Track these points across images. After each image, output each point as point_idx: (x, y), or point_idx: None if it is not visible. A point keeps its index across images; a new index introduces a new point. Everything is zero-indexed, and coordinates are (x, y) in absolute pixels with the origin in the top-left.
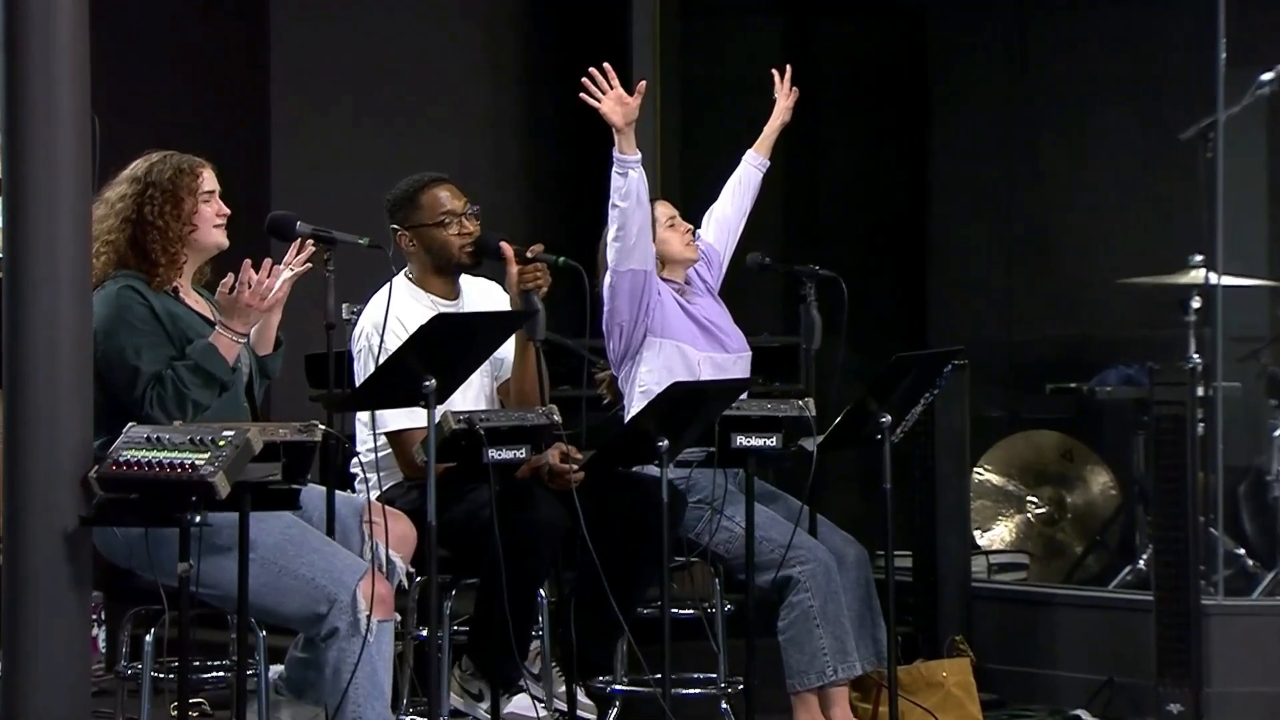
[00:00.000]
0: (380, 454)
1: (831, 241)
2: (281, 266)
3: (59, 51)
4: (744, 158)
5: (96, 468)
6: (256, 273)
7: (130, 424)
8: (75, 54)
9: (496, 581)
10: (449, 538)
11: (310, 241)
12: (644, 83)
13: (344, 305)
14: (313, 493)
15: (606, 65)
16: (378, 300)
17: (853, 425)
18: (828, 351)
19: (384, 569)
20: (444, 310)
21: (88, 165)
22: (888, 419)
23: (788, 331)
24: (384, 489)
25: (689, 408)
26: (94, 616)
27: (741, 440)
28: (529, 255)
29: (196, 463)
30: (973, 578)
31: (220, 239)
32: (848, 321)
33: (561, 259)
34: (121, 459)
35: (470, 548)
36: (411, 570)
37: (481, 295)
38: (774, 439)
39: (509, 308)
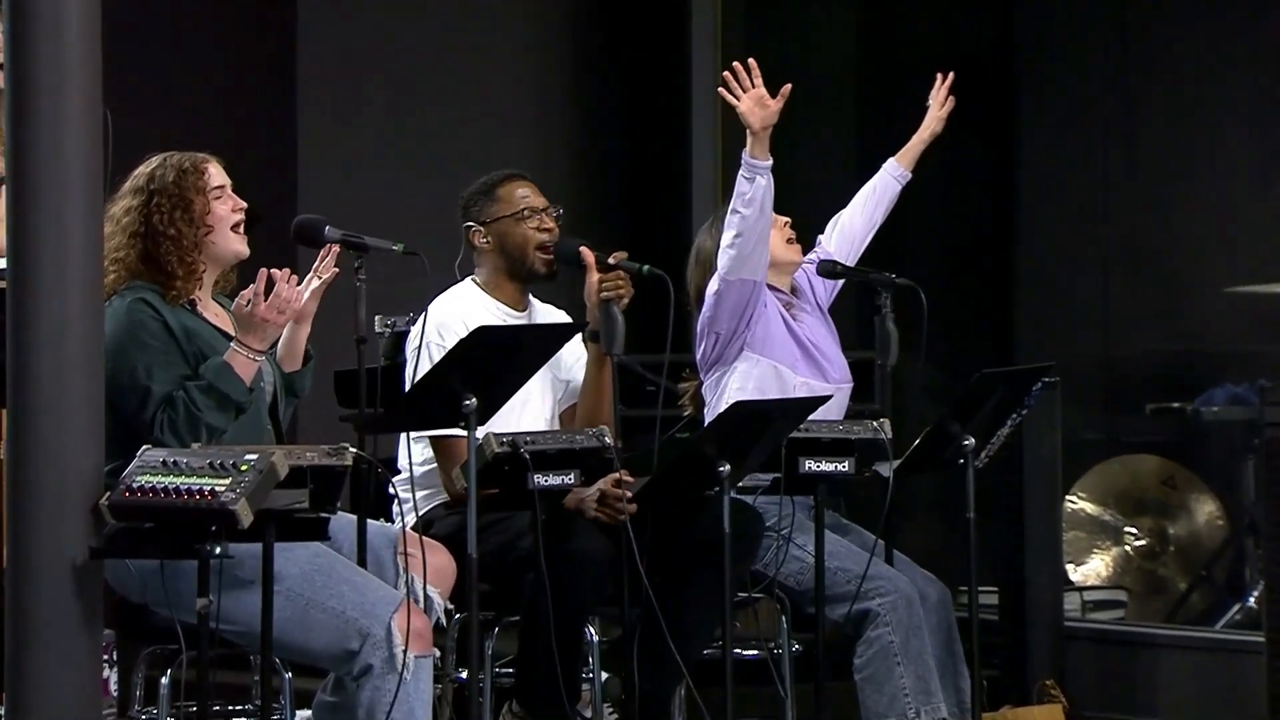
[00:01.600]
0: (422, 470)
1: (910, 247)
2: (310, 276)
3: (69, 41)
4: (883, 166)
5: (108, 495)
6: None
7: (145, 447)
8: (86, 44)
9: (539, 617)
10: (487, 570)
11: (338, 247)
12: (789, 86)
13: (376, 317)
14: (343, 522)
15: (751, 61)
16: (440, 301)
17: (932, 449)
18: (905, 368)
19: (420, 604)
20: (511, 319)
21: (99, 165)
22: (971, 442)
23: (861, 346)
24: (426, 509)
25: (753, 429)
26: (106, 657)
27: (810, 465)
28: (610, 262)
29: (217, 489)
30: (1065, 616)
31: (239, 247)
32: (927, 335)
33: (646, 267)
34: (135, 485)
35: (507, 582)
36: (450, 607)
37: (548, 317)
38: (846, 464)
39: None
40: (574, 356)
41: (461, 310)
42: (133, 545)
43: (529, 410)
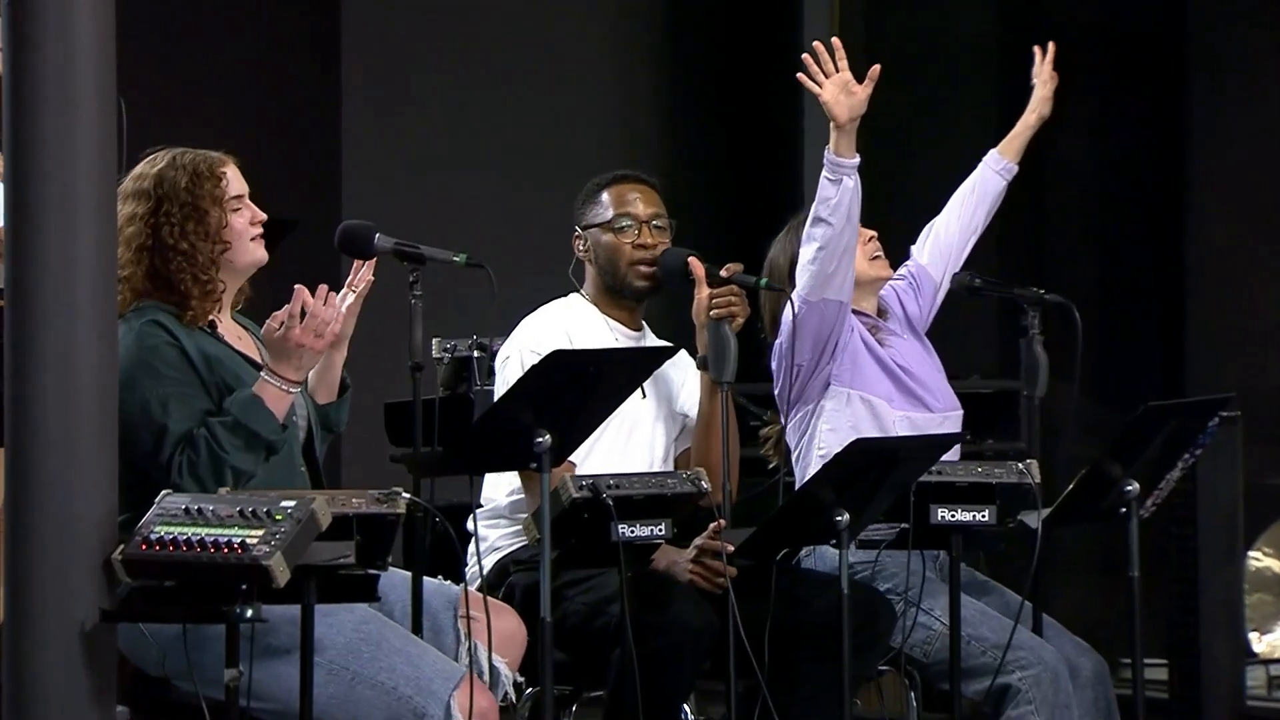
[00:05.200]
0: (509, 500)
1: (1061, 258)
2: (344, 291)
3: (78, 22)
4: (984, 159)
5: (122, 548)
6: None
7: (164, 493)
8: (98, 24)
9: (627, 697)
10: (567, 639)
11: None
12: (878, 68)
13: (434, 341)
14: (395, 580)
15: (835, 40)
16: (539, 312)
17: (1089, 496)
18: (1056, 399)
19: (485, 676)
20: (624, 340)
21: (113, 162)
22: (1135, 488)
23: (1004, 374)
24: (510, 551)
25: (876, 472)
26: None
27: (944, 514)
28: (722, 275)
29: (248, 541)
30: (1248, 694)
31: (258, 255)
32: (1082, 360)
33: (764, 281)
34: (153, 537)
35: (591, 653)
36: (520, 679)
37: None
38: (986, 512)
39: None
40: (691, 389)
41: (566, 323)
42: (151, 607)
43: (635, 448)
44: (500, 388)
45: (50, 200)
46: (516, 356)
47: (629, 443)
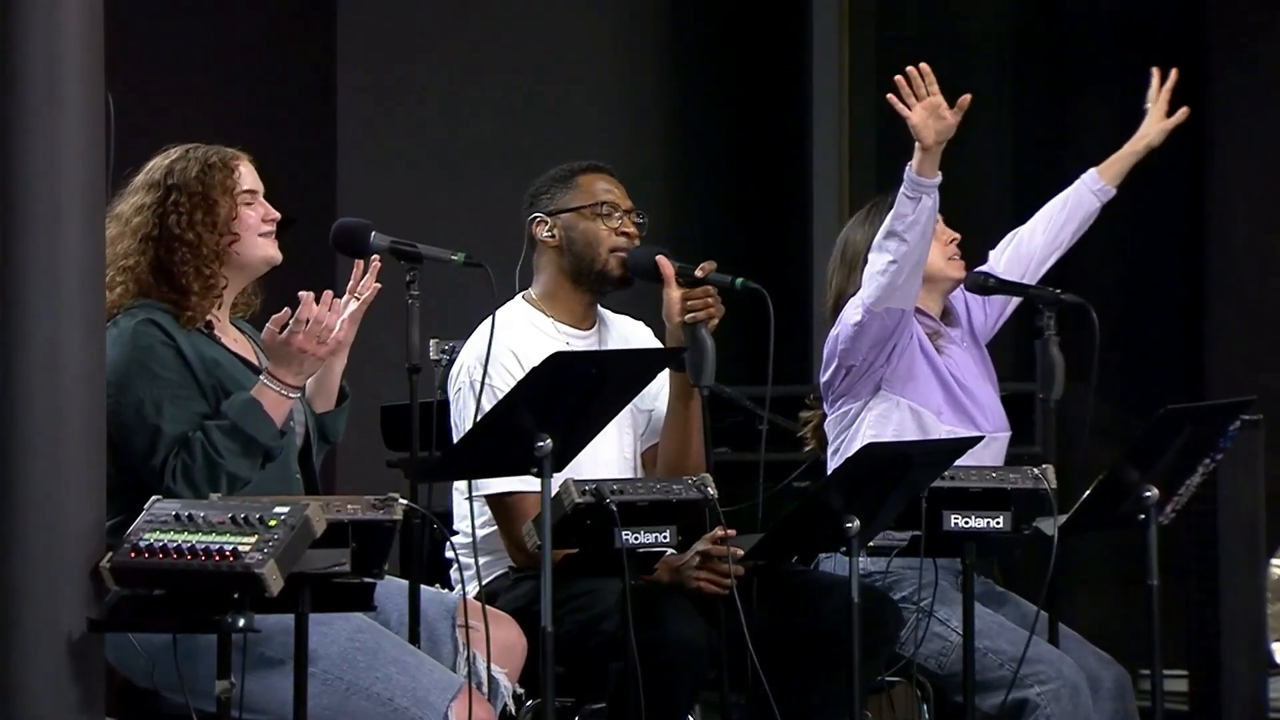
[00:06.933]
0: (483, 532)
1: (1079, 256)
2: (346, 297)
3: (65, 18)
4: (1082, 177)
5: (110, 555)
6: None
7: (154, 498)
8: (86, 20)
9: (628, 711)
10: (565, 652)
11: (377, 259)
12: (968, 97)
13: (432, 342)
14: (391, 588)
15: (924, 66)
16: (482, 328)
17: (1106, 502)
18: (1072, 402)
19: (484, 687)
20: (575, 343)
21: (101, 160)
22: (1153, 494)
23: (1019, 376)
24: (488, 579)
25: (888, 477)
26: None
27: (958, 521)
28: (697, 275)
29: (240, 549)
30: (1270, 706)
31: (270, 251)
32: (1099, 363)
33: (740, 280)
34: (143, 544)
35: (588, 667)
36: (520, 691)
37: (625, 335)
38: (1001, 519)
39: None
40: (657, 383)
41: (508, 336)
42: (140, 616)
43: (605, 447)
44: (458, 421)
45: (37, 199)
46: (468, 387)
47: (598, 441)
